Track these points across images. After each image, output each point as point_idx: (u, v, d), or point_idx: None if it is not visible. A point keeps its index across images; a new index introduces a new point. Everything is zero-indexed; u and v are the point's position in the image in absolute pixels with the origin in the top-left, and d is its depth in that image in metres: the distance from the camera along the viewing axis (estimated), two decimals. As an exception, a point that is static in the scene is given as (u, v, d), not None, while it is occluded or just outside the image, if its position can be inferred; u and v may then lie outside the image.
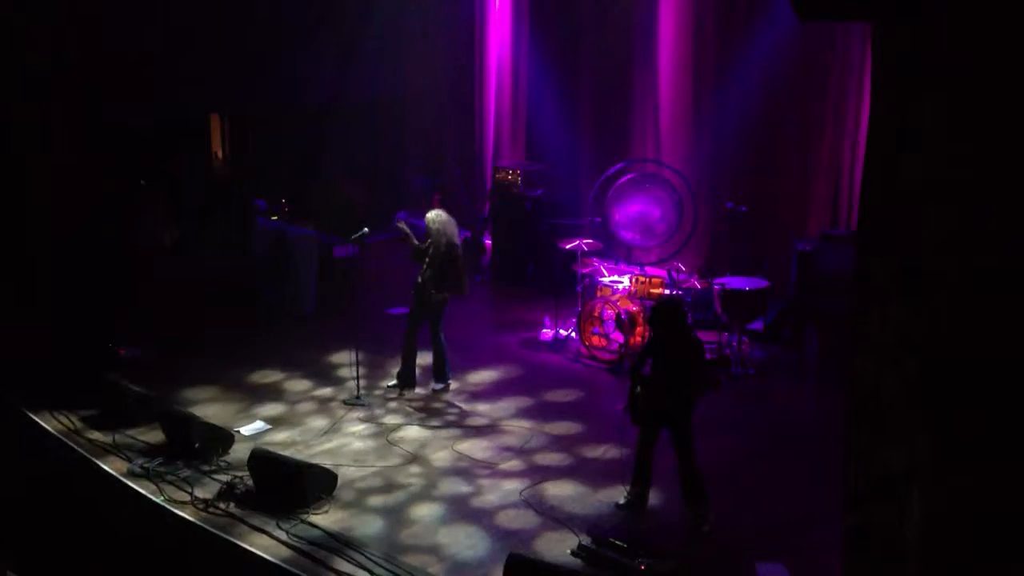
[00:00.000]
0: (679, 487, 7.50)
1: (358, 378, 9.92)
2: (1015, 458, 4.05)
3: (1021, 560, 4.07)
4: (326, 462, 8.32)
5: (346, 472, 8.28)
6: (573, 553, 7.04)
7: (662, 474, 7.68)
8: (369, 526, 7.53)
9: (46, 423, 9.27)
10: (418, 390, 10.08)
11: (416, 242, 9.79)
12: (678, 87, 12.99)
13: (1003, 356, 4.06)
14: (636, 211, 12.52)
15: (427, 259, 9.71)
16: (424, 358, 10.20)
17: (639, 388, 7.46)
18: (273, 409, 9.71)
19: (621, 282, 11.09)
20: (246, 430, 9.15)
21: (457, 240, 9.86)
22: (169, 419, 8.82)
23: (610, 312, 10.69)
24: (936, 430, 4.26)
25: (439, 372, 10.09)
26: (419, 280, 9.77)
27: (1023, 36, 3.91)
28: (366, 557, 7.02)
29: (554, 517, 7.60)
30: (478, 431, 9.20)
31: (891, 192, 4.34)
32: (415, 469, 8.45)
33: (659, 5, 12.97)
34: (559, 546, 7.16)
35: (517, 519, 7.62)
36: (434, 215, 9.81)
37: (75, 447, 8.83)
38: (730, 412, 9.54)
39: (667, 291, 10.78)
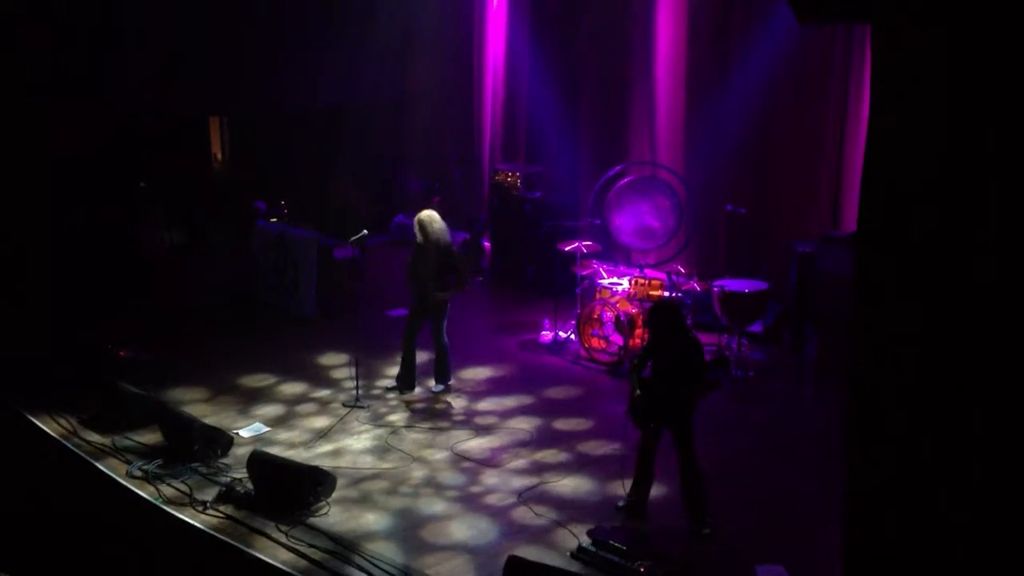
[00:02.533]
0: (679, 489, 7.49)
1: (357, 379, 9.91)
2: (1015, 457, 4.05)
3: (1021, 558, 4.07)
4: (325, 464, 8.32)
5: (346, 474, 8.28)
6: (572, 555, 7.03)
7: (662, 476, 7.68)
8: (369, 528, 7.52)
9: (45, 425, 9.26)
10: (417, 391, 10.08)
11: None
12: (677, 89, 13.00)
13: (1002, 355, 4.06)
14: (635, 213, 12.53)
15: (425, 259, 9.69)
16: (424, 359, 10.21)
17: (639, 390, 7.45)
18: (272, 411, 9.70)
19: (620, 284, 11.08)
20: (245, 432, 9.14)
21: (449, 238, 9.85)
22: (168, 421, 8.81)
23: (609, 314, 10.69)
24: (936, 430, 4.25)
25: (440, 373, 10.09)
26: (420, 280, 9.75)
27: (1021, 36, 3.91)
28: (365, 559, 7.02)
29: (553, 519, 7.60)
30: (478, 433, 9.19)
31: (890, 193, 4.34)
32: (415, 471, 8.44)
33: (657, 6, 12.98)
34: (558, 548, 7.16)
35: (516, 521, 7.61)
36: (428, 215, 9.78)
37: (74, 449, 8.82)
38: (730, 414, 9.54)
39: (666, 293, 10.78)
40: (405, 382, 10.06)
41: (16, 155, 12.33)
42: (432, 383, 10.12)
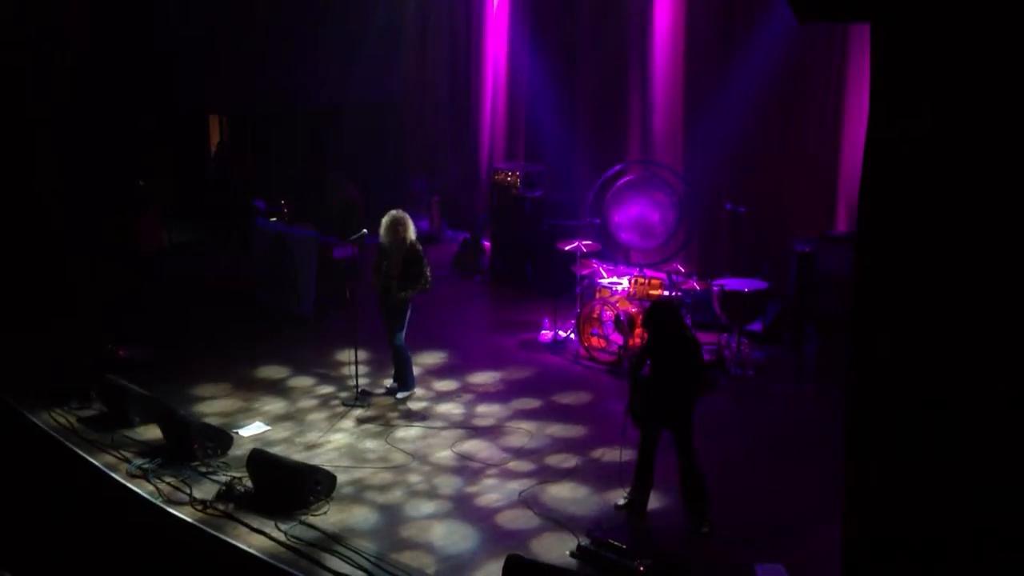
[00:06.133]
0: (679, 488, 7.49)
1: (357, 379, 9.92)
2: (1015, 456, 4.05)
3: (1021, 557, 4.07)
4: (325, 463, 8.32)
5: (345, 473, 8.28)
6: (572, 554, 7.03)
7: (661, 475, 7.67)
8: (368, 527, 7.53)
9: (45, 423, 9.26)
10: (417, 390, 10.07)
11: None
12: (676, 88, 13.01)
13: (1002, 354, 4.06)
14: (635, 212, 12.53)
15: (391, 257, 9.61)
16: (421, 358, 10.20)
17: (638, 390, 7.45)
18: (272, 410, 9.70)
19: (620, 283, 11.08)
20: (245, 431, 9.14)
21: (415, 237, 9.75)
22: (168, 420, 8.81)
23: (609, 313, 10.69)
24: (936, 430, 4.26)
25: (401, 378, 9.95)
26: (384, 281, 9.70)
27: (1019, 36, 3.92)
28: (364, 558, 7.02)
29: (553, 518, 7.60)
30: (477, 432, 9.19)
31: (890, 192, 4.34)
32: (414, 470, 8.44)
33: (656, 6, 12.98)
34: (558, 547, 7.16)
35: (516, 520, 7.61)
36: (401, 214, 9.70)
37: (74, 448, 8.82)
38: (730, 413, 9.54)
39: (666, 292, 10.78)
40: (402, 381, 10.03)
41: (16, 155, 12.34)
42: (391, 385, 10.02)
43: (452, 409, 9.74)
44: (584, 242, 11.28)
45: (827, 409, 9.27)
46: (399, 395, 9.91)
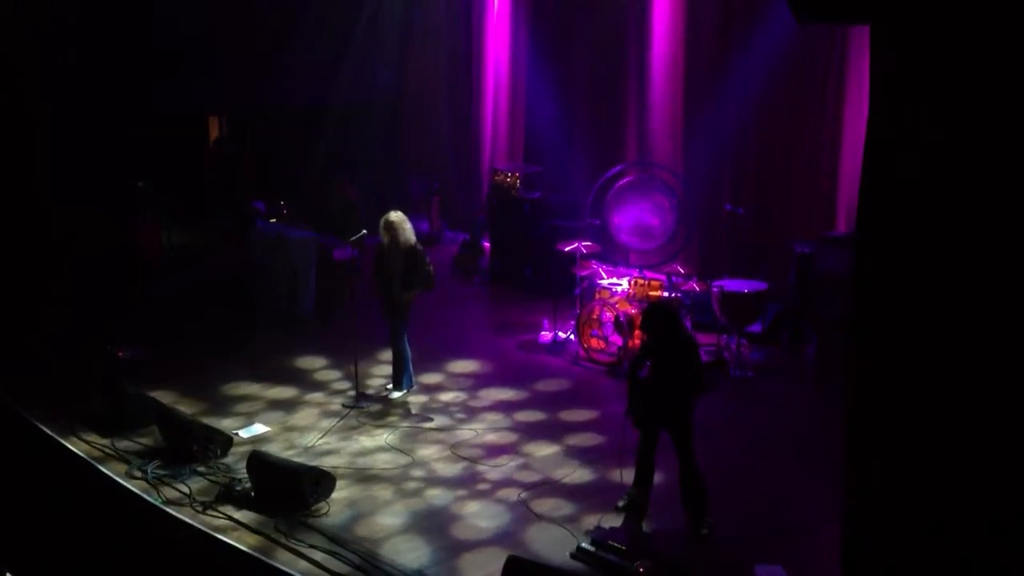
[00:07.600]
0: (678, 489, 7.49)
1: (356, 380, 9.91)
2: (1014, 457, 4.05)
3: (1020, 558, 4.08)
4: (324, 464, 8.32)
5: (345, 474, 8.27)
6: (572, 555, 7.03)
7: (661, 476, 7.67)
8: (367, 527, 7.52)
9: (44, 425, 9.25)
10: (415, 390, 10.06)
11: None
12: (675, 89, 13.01)
13: (1001, 354, 4.06)
14: (634, 214, 12.52)
15: (391, 259, 9.59)
16: (421, 359, 10.18)
17: (637, 391, 7.45)
18: (272, 411, 9.69)
19: (620, 284, 11.08)
20: (244, 432, 9.14)
21: (414, 238, 9.73)
22: (167, 421, 8.81)
23: (609, 314, 10.69)
24: (935, 430, 4.26)
25: (398, 378, 9.93)
26: (385, 280, 9.70)
27: (1018, 37, 3.92)
28: (364, 559, 7.02)
29: (553, 519, 7.59)
30: (477, 433, 9.18)
31: (889, 193, 4.34)
32: (413, 471, 8.44)
33: (655, 7, 12.98)
34: (558, 548, 7.15)
35: (515, 521, 7.61)
36: (398, 215, 9.69)
37: (73, 448, 8.81)
38: (729, 414, 9.53)
39: (666, 293, 10.78)
40: (399, 382, 10.01)
41: (16, 155, 12.34)
42: (392, 387, 10.00)
43: (451, 409, 9.73)
44: (584, 243, 11.27)
45: (827, 409, 9.26)
46: (396, 395, 9.90)
